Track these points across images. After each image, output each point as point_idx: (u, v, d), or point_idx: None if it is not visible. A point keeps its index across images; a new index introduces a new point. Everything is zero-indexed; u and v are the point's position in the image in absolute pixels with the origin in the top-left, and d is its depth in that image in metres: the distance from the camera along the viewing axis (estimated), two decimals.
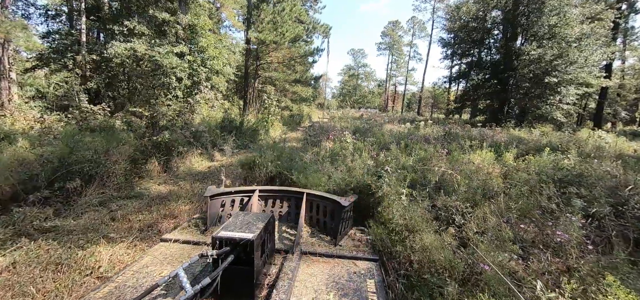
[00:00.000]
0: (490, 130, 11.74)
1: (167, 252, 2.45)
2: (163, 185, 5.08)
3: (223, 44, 15.96)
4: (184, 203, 4.16)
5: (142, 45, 12.16)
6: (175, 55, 13.31)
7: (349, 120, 15.60)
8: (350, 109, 34.36)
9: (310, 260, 2.43)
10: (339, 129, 9.90)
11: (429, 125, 13.43)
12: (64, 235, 3.17)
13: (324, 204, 3.14)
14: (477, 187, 3.78)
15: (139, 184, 4.91)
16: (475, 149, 6.52)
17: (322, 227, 3.09)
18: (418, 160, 5.23)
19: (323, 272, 2.24)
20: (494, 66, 19.52)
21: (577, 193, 3.86)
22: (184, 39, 14.41)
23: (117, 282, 2.02)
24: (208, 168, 6.41)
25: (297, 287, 2.02)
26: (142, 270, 2.17)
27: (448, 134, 9.52)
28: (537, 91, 16.18)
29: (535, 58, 15.54)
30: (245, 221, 2.08)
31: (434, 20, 40.14)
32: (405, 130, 11.53)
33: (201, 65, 14.05)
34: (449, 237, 2.78)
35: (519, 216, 3.12)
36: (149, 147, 5.23)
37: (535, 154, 6.69)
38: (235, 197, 3.24)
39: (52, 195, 3.74)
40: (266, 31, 17.64)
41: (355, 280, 2.16)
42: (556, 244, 2.68)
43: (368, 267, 2.37)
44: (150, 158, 5.24)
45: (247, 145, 9.31)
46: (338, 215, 2.88)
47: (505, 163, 5.33)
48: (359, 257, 2.52)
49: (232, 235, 1.85)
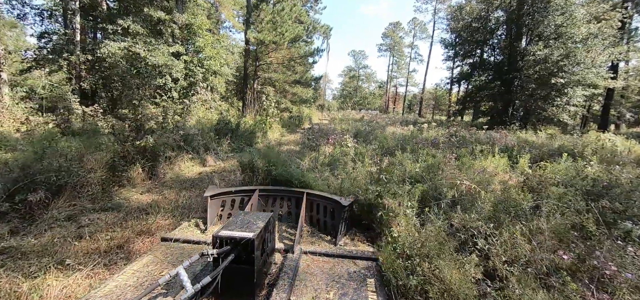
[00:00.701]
0: (496, 133, 11.23)
1: (167, 252, 2.43)
2: (146, 195, 4.58)
3: (221, 44, 15.50)
4: (164, 217, 3.67)
5: (136, 45, 11.71)
6: (170, 55, 12.88)
7: (349, 122, 15.12)
8: (351, 111, 33.88)
9: (310, 259, 2.41)
10: (340, 132, 9.41)
11: (433, 127, 12.91)
12: (16, 259, 2.68)
13: (324, 204, 3.10)
14: (497, 201, 3.28)
15: (119, 193, 4.42)
16: (486, 154, 6.01)
17: (322, 226, 3.05)
18: (426, 168, 4.73)
19: (323, 271, 2.23)
20: (498, 67, 18.99)
21: (611, 208, 3.35)
22: (180, 38, 13.98)
23: (117, 281, 1.99)
24: (198, 174, 5.92)
25: (297, 286, 2.01)
26: (142, 269, 2.14)
27: (454, 137, 9.01)
28: (543, 92, 15.64)
29: (541, 58, 15.01)
30: (246, 220, 2.05)
31: (436, 22, 39.69)
32: (408, 133, 11.02)
33: (198, 66, 13.59)
34: (473, 266, 2.28)
35: (552, 239, 2.62)
36: (132, 152, 4.74)
37: (550, 159, 6.18)
38: (235, 197, 3.21)
39: (11, 209, 3.25)
40: (265, 31, 17.18)
41: (355, 279, 2.15)
42: (604, 276, 2.18)
43: (368, 266, 2.36)
44: (133, 164, 4.75)
45: (243, 149, 8.82)
46: (338, 215, 2.86)
47: (523, 171, 4.81)
48: (358, 256, 2.49)
49: (233, 234, 1.83)
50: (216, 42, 14.54)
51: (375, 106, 55.81)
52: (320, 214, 3.12)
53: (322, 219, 3.09)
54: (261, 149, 9.61)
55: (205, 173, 6.03)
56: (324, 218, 3.08)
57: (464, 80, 21.56)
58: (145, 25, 12.36)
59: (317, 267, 2.30)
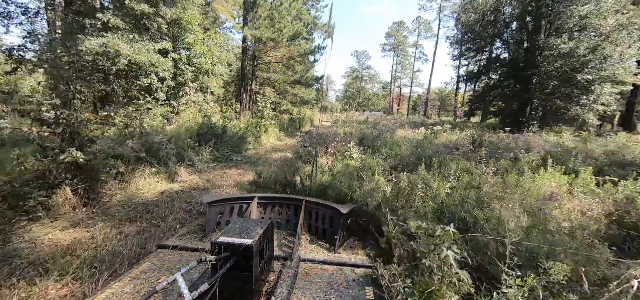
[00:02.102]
0: (522, 136, 9.73)
1: (165, 259, 2.37)
2: (71, 231, 3.23)
3: (214, 42, 14.22)
4: (63, 282, 2.30)
5: (117, 41, 10.48)
6: (157, 53, 11.64)
7: (353, 125, 13.69)
8: (355, 112, 32.49)
9: (309, 267, 2.36)
10: (342, 137, 8.00)
11: (446, 129, 11.44)
12: None
13: (323, 212, 3.03)
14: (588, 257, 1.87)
15: (27, 231, 3.07)
16: (533, 166, 4.55)
17: (320, 234, 2.98)
18: (464, 189, 3.29)
19: (322, 279, 2.18)
20: (513, 63, 17.38)
21: None
22: (168, 34, 12.73)
23: (114, 288, 1.96)
24: (160, 194, 4.55)
25: (295, 294, 1.99)
26: (139, 276, 2.11)
27: (477, 142, 7.54)
28: (567, 90, 14.04)
29: (565, 52, 13.42)
30: (245, 227, 1.99)
31: (441, 20, 38.14)
32: (420, 137, 9.57)
33: (187, 64, 12.31)
34: None
35: None
36: (56, 170, 3.40)
37: (613, 172, 4.70)
38: (234, 204, 3.15)
39: None
40: (263, 28, 15.84)
41: (354, 287, 2.10)
42: None
43: (366, 274, 2.27)
44: (57, 187, 3.41)
45: (230, 157, 7.47)
46: (337, 223, 2.79)
47: (608, 194, 3.32)
48: (357, 264, 2.42)
49: (231, 240, 1.78)
50: (207, 38, 13.23)
51: (378, 107, 54.35)
52: (319, 221, 3.02)
53: (320, 226, 3.00)
54: (252, 156, 8.27)
55: (169, 192, 4.66)
56: (322, 226, 2.98)
57: (474, 79, 19.90)
58: (127, 19, 11.11)
59: (316, 274, 2.26)
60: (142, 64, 10.87)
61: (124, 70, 11.06)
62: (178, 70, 12.26)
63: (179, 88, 12.18)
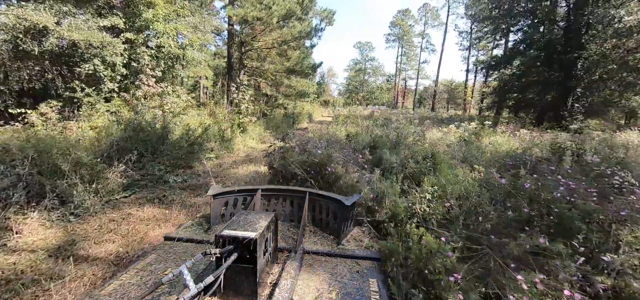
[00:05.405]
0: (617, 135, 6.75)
1: (170, 251, 2.33)
2: None
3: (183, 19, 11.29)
4: None
5: (43, 14, 7.65)
6: (102, 30, 8.84)
7: (358, 121, 10.75)
8: (359, 106, 29.36)
9: (312, 259, 2.28)
10: (344, 141, 5.11)
11: (483, 128, 8.46)
12: None
13: (327, 204, 2.85)
14: None
15: None
16: None
17: (324, 226, 2.82)
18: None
19: (326, 271, 2.11)
20: (549, 45, 14.19)
21: None
22: (120, 8, 9.87)
23: (122, 279, 1.92)
24: None
25: (299, 286, 1.93)
26: (146, 268, 2.06)
27: (561, 151, 4.60)
28: (630, 77, 10.88)
29: (631, 26, 10.24)
30: (248, 220, 1.93)
31: (450, 5, 34.60)
32: (455, 139, 6.62)
33: (143, 45, 9.46)
34: None
35: None
36: None
37: None
38: (238, 196, 2.98)
39: None
40: (248, 5, 12.87)
41: (358, 279, 2.03)
42: None
43: (370, 266, 2.21)
44: None
45: (165, 178, 4.62)
46: (341, 215, 2.66)
47: None
48: (361, 256, 2.33)
49: (235, 233, 1.73)
50: (173, 14, 10.28)
51: (382, 101, 51.08)
52: (323, 213, 2.83)
53: (324, 218, 2.81)
54: (211, 170, 5.35)
55: None
56: (326, 218, 2.80)
57: (500, 65, 16.64)
58: None
59: (320, 266, 2.16)
60: (79, 45, 8.06)
61: (57, 53, 8.25)
62: (135, 54, 9.40)
63: (135, 77, 9.35)
